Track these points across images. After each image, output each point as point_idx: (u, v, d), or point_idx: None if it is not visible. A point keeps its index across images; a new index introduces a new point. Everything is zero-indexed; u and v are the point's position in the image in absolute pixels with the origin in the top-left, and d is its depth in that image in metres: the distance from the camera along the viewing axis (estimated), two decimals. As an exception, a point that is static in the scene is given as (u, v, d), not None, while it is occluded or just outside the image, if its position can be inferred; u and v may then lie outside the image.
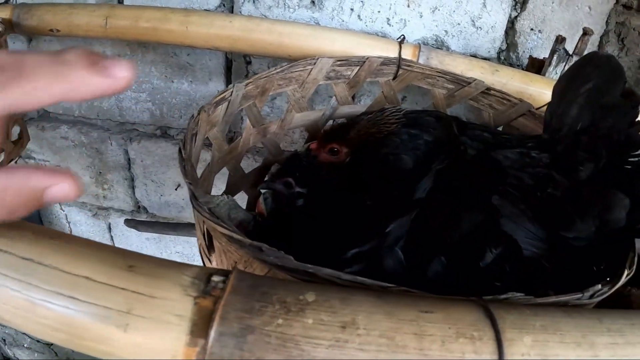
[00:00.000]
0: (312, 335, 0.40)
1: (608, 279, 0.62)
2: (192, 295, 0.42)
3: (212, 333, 0.39)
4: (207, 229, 0.70)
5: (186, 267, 0.46)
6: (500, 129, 1.12)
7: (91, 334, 0.42)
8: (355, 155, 0.98)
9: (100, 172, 1.92)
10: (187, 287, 0.43)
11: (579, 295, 0.56)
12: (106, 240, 2.14)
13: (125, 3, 1.52)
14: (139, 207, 1.99)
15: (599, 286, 0.58)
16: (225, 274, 0.45)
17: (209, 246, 0.74)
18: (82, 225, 2.14)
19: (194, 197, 0.63)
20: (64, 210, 2.12)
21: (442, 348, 0.41)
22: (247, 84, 0.97)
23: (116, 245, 2.13)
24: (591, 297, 0.57)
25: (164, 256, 2.09)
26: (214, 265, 0.74)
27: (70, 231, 2.17)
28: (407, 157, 0.89)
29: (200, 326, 0.40)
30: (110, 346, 0.42)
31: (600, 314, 0.50)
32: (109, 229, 2.10)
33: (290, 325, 0.40)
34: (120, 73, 0.41)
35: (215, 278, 0.44)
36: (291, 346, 0.39)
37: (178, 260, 1.68)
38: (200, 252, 0.80)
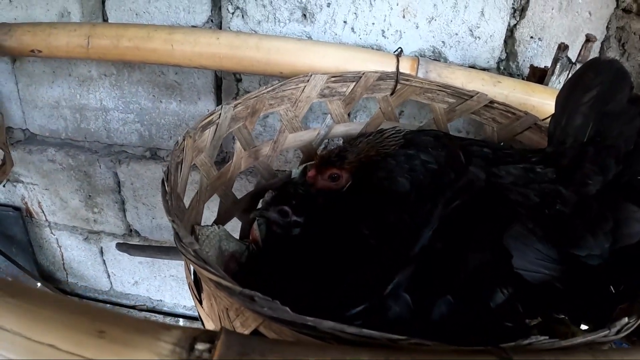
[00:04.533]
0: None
1: (629, 302, 0.57)
2: (171, 368, 0.36)
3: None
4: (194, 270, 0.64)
5: (165, 330, 0.39)
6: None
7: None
8: (355, 180, 0.93)
9: (89, 196, 1.86)
10: (166, 358, 0.37)
11: (606, 333, 0.51)
12: (98, 265, 2.09)
13: (110, 21, 1.47)
14: (130, 230, 1.93)
15: (626, 319, 0.53)
16: (211, 338, 0.38)
17: (197, 287, 0.68)
18: (74, 249, 2.07)
19: (177, 238, 0.57)
20: (54, 235, 2.06)
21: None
22: (235, 105, 0.91)
23: (109, 269, 2.08)
24: (618, 332, 0.52)
25: (158, 280, 2.04)
26: (204, 306, 0.68)
27: (62, 256, 2.11)
28: (403, 179, 0.84)
29: (181, 409, 0.34)
30: None
31: (631, 355, 0.45)
32: (101, 253, 2.04)
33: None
34: None
35: (200, 346, 0.37)
36: None
37: (173, 284, 1.64)
38: (190, 290, 0.74)
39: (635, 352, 0.48)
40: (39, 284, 1.96)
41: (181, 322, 2.14)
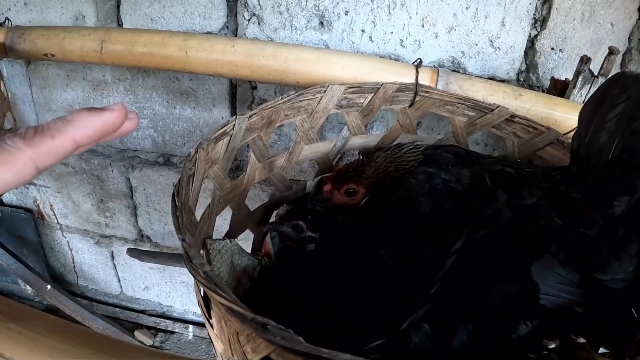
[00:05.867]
0: None
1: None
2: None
3: None
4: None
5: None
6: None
7: None
8: (372, 196, 0.90)
9: (101, 200, 1.85)
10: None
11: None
12: (109, 269, 2.08)
13: (125, 26, 1.46)
14: (142, 235, 1.92)
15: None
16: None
17: (206, 305, 0.66)
18: (85, 253, 2.07)
19: (187, 258, 0.55)
20: (65, 237, 2.05)
21: None
22: (250, 116, 0.89)
23: (119, 273, 2.07)
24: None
25: (169, 286, 2.03)
26: (214, 326, 0.66)
27: (73, 259, 2.11)
28: (423, 199, 0.81)
29: None
30: None
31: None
32: (112, 257, 2.03)
33: None
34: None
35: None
36: None
37: (183, 290, 1.63)
38: (200, 309, 0.71)
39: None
40: (49, 286, 1.96)
41: (190, 328, 2.12)
